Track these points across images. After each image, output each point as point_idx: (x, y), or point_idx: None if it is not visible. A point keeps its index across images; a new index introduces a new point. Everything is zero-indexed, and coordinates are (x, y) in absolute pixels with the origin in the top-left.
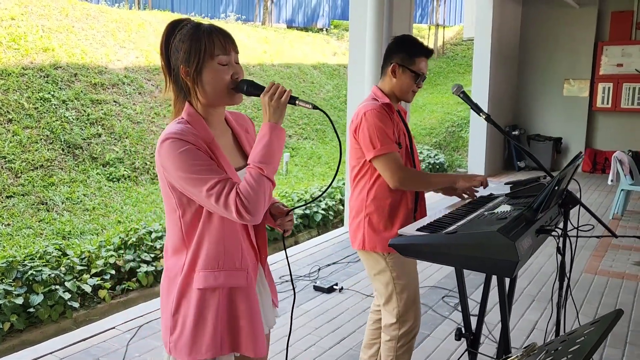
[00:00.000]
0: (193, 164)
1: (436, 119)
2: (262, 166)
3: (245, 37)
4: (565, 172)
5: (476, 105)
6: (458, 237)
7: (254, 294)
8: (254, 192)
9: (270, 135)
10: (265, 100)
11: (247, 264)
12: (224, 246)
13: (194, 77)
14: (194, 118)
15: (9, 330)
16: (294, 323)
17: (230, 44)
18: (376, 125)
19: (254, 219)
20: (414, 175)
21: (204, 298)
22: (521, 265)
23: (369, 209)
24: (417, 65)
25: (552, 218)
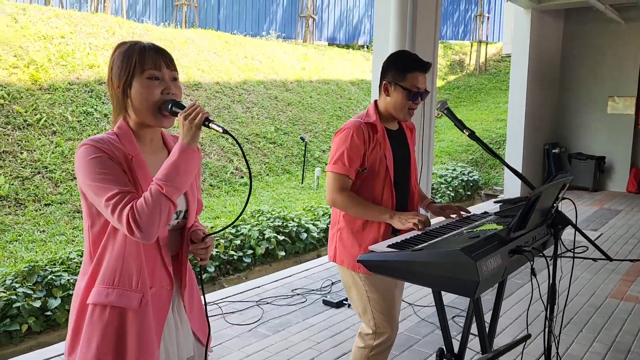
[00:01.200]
0: (99, 172)
1: None
2: (163, 184)
3: (284, 55)
4: (541, 190)
5: (460, 121)
6: (423, 254)
7: (148, 320)
8: (149, 209)
9: (178, 155)
10: (180, 120)
11: (144, 287)
12: (123, 264)
13: (124, 89)
14: (123, 131)
15: (27, 332)
16: (297, 336)
17: (164, 61)
18: (342, 144)
19: (144, 237)
20: (348, 201)
21: (92, 313)
22: (487, 287)
23: (340, 223)
24: (410, 82)
25: (536, 238)
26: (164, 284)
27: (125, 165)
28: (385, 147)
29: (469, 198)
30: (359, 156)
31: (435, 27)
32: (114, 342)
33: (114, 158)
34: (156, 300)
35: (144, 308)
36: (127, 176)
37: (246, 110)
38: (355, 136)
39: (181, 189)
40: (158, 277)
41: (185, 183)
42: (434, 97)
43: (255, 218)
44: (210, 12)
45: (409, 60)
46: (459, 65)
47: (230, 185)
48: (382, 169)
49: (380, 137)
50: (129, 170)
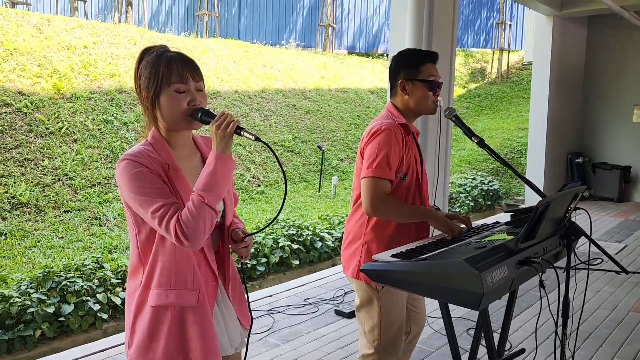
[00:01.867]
0: (142, 186)
1: (495, 144)
2: (204, 194)
3: (303, 63)
4: (550, 200)
5: (469, 129)
6: (426, 265)
7: (208, 314)
8: (194, 219)
9: (215, 164)
10: (212, 129)
11: (199, 285)
12: (176, 265)
13: (152, 101)
14: (157, 141)
15: (40, 338)
16: (308, 346)
17: (189, 73)
18: (382, 146)
19: (192, 245)
20: (390, 206)
21: (156, 315)
22: (492, 299)
23: (368, 236)
24: (425, 73)
25: (547, 249)
26: (209, 280)
27: (164, 175)
28: (414, 150)
29: (489, 208)
30: (398, 159)
31: (453, 35)
32: (180, 340)
33: (154, 170)
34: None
35: (202, 303)
36: (167, 186)
37: (264, 119)
38: (397, 138)
39: (221, 196)
40: (204, 275)
41: (224, 190)
42: (452, 104)
43: (269, 226)
44: (231, 22)
45: (417, 54)
46: (481, 73)
47: (247, 193)
48: (413, 173)
49: (411, 139)
50: (168, 180)
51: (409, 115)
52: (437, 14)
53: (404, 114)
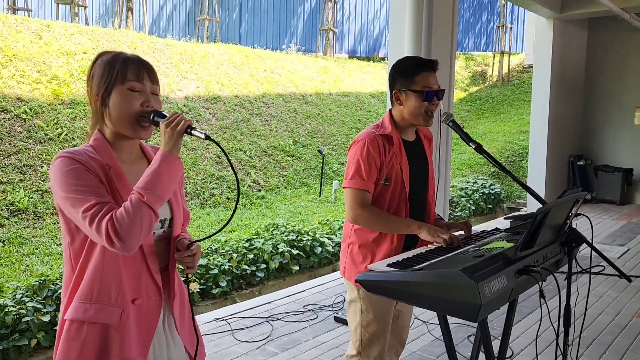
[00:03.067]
0: (76, 184)
1: (496, 147)
2: (144, 192)
3: (304, 68)
4: (549, 207)
5: (466, 134)
6: (422, 275)
7: (130, 334)
8: (129, 217)
9: (160, 162)
10: (162, 127)
11: (125, 301)
12: (101, 277)
13: (102, 98)
14: (99, 143)
15: (36, 347)
16: (306, 355)
17: (146, 74)
18: (360, 157)
19: (125, 247)
20: (370, 216)
21: (70, 330)
22: (490, 310)
23: (352, 238)
24: (420, 83)
25: (547, 257)
26: (151, 295)
27: (103, 176)
28: (402, 159)
29: (491, 211)
30: (376, 168)
31: (452, 38)
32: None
33: (91, 169)
34: (144, 312)
35: (125, 322)
36: (105, 187)
37: (265, 123)
38: (371, 148)
39: (163, 198)
40: (145, 288)
41: (167, 191)
42: (452, 109)
43: (269, 232)
44: (232, 26)
45: (413, 63)
46: (481, 76)
47: (247, 198)
48: (397, 182)
49: (396, 148)
50: (107, 181)
51: (404, 125)
52: (436, 18)
53: (398, 124)
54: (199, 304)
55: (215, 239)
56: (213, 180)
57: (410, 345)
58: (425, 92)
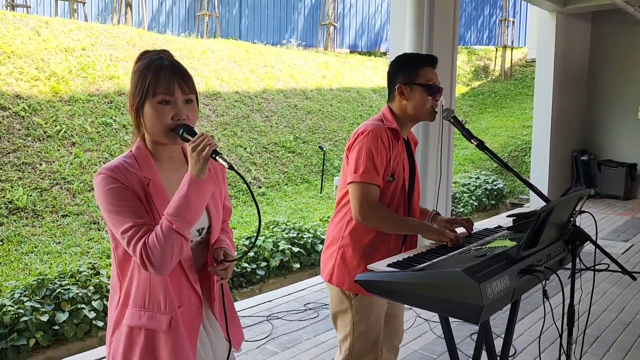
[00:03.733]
0: (115, 204)
1: (499, 143)
2: (173, 220)
3: (304, 63)
4: (552, 206)
5: (468, 131)
6: (423, 275)
7: (181, 337)
8: (160, 246)
9: (187, 188)
10: (189, 150)
11: (173, 308)
12: (150, 286)
13: (137, 110)
14: (141, 152)
15: (35, 347)
16: (307, 354)
17: (178, 84)
18: (369, 149)
19: (158, 272)
20: (381, 215)
21: (131, 336)
22: (492, 311)
23: (344, 240)
24: (424, 77)
25: (551, 256)
26: (192, 302)
27: (142, 192)
28: (404, 157)
29: (494, 207)
30: (387, 161)
31: (454, 32)
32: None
33: (129, 187)
34: (186, 318)
35: (175, 329)
36: (142, 205)
37: (265, 119)
38: (383, 140)
39: (192, 222)
40: (186, 296)
41: (196, 215)
42: (454, 103)
43: (269, 229)
44: (232, 22)
45: (416, 58)
46: (484, 71)
47: (247, 195)
48: (399, 180)
49: (400, 145)
50: (145, 197)
51: (405, 120)
52: (437, 12)
53: (399, 120)
54: None
55: None
56: None
57: (412, 344)
58: (431, 86)
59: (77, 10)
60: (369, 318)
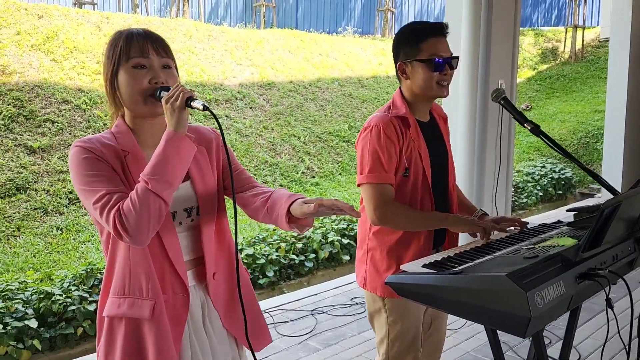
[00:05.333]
0: (87, 174)
1: (567, 129)
2: (149, 179)
3: (360, 50)
4: (619, 200)
5: (521, 114)
6: (461, 280)
7: (164, 326)
8: (135, 210)
9: (164, 144)
10: (163, 105)
11: (157, 293)
12: (130, 270)
13: (111, 81)
14: (119, 128)
15: (82, 335)
16: (350, 352)
17: (152, 47)
18: (372, 145)
19: (133, 240)
20: (398, 213)
21: (111, 327)
22: (543, 323)
23: (371, 242)
24: (427, 51)
25: (618, 257)
26: (177, 291)
27: (118, 163)
28: (420, 144)
29: (561, 197)
30: (396, 156)
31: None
32: (135, 354)
33: (103, 157)
34: (170, 309)
35: (159, 316)
36: (118, 175)
37: (319, 109)
38: (387, 133)
39: (173, 183)
40: (169, 284)
41: (176, 175)
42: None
43: (319, 220)
44: (289, 11)
45: (418, 29)
46: (552, 53)
47: (300, 185)
48: (418, 171)
49: (412, 132)
50: (121, 169)
51: (418, 101)
52: None
53: (411, 102)
54: None
55: (264, 227)
56: (266, 167)
57: (464, 345)
58: (435, 61)
59: (139, 5)
60: (404, 319)
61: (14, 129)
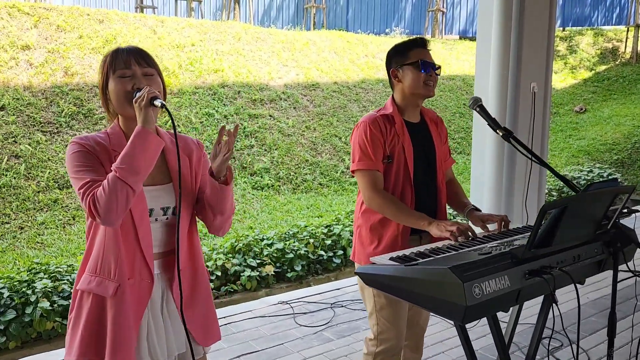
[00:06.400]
0: (77, 165)
1: (622, 133)
2: (117, 167)
3: None
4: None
5: (494, 120)
6: (413, 271)
7: (125, 306)
8: (105, 194)
9: (132, 138)
10: (133, 104)
11: (122, 277)
12: (103, 253)
13: (103, 91)
14: (114, 130)
15: None
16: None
17: (134, 59)
18: (360, 138)
19: (103, 220)
20: (383, 202)
21: (81, 299)
22: (484, 313)
23: (359, 221)
24: (414, 57)
25: (579, 258)
26: (143, 277)
27: (107, 161)
28: (404, 139)
29: None
30: (381, 146)
31: (550, 13)
32: (96, 327)
33: (93, 152)
34: (135, 290)
35: (120, 297)
36: (104, 169)
37: (362, 109)
38: (372, 127)
39: (139, 172)
40: (138, 269)
41: (143, 165)
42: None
43: (349, 218)
44: (340, 13)
45: (406, 42)
46: (612, 53)
47: (339, 184)
48: (400, 163)
49: (398, 128)
50: (109, 164)
51: (408, 102)
52: None
53: (401, 106)
54: (273, 286)
55: (295, 224)
56: (307, 166)
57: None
58: (421, 62)
59: (193, 8)
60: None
61: (74, 125)
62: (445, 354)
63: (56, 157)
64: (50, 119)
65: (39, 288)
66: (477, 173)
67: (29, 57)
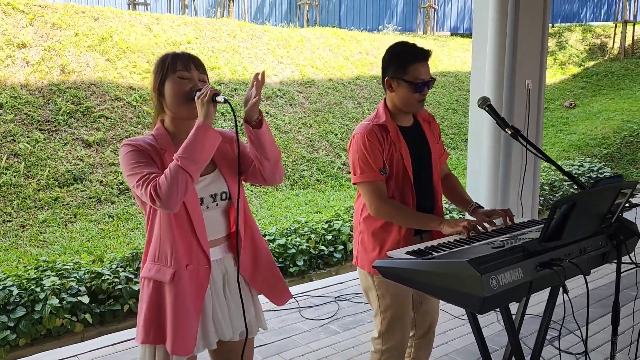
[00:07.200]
0: (132, 163)
1: (611, 127)
2: (179, 157)
3: None
4: (575, 198)
5: (503, 120)
6: (431, 264)
7: (182, 291)
8: (167, 181)
9: (194, 131)
10: (196, 100)
11: (179, 264)
12: (160, 243)
13: (159, 89)
14: (159, 131)
15: (128, 312)
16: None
17: (194, 64)
18: (360, 150)
19: (164, 205)
20: (391, 210)
21: (143, 286)
22: (499, 303)
23: (361, 226)
24: (412, 74)
25: (585, 250)
26: (201, 263)
27: (157, 158)
28: (401, 146)
29: None
30: (380, 156)
31: (545, 11)
32: (156, 311)
33: (145, 151)
34: (195, 277)
35: (177, 283)
36: (156, 165)
37: (357, 106)
38: (370, 138)
39: (198, 161)
40: (195, 256)
41: (202, 156)
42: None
43: (348, 214)
44: (332, 9)
45: (408, 52)
46: (600, 49)
47: (336, 180)
48: (399, 170)
49: (393, 136)
50: (160, 162)
51: (398, 111)
52: None
53: (393, 112)
54: None
55: (296, 219)
56: (304, 162)
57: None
58: (417, 84)
59: (187, 5)
60: (391, 292)
61: (72, 124)
62: (448, 344)
63: (55, 155)
64: (48, 117)
65: (47, 285)
66: (474, 168)
67: (25, 55)
